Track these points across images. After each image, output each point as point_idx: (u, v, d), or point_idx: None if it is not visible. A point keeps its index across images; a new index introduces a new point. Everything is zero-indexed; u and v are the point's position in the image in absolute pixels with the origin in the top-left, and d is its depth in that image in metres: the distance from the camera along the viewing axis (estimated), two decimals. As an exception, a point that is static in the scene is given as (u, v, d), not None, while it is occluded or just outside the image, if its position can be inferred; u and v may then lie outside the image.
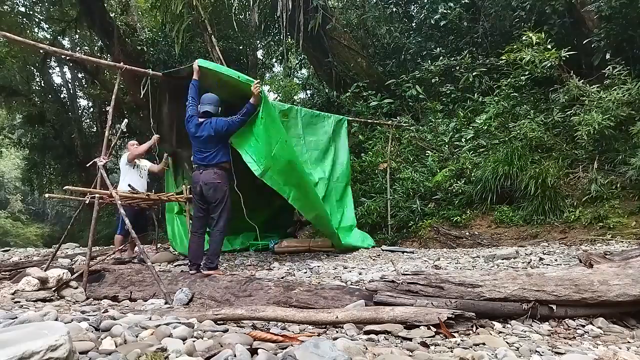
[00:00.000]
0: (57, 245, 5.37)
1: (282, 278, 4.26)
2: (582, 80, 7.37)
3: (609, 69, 7.21)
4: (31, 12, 15.84)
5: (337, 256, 6.01)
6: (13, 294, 3.75)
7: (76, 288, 3.98)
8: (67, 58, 5.71)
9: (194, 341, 1.94)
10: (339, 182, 6.97)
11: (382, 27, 11.33)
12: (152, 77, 5.38)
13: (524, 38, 7.58)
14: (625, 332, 2.45)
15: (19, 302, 3.48)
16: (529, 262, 4.48)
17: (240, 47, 14.31)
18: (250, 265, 5.55)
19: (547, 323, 2.53)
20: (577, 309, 2.57)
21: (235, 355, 1.70)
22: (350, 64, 11.22)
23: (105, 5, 13.75)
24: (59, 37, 16.31)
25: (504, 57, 7.78)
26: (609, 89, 6.92)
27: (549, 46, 7.42)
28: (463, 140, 8.36)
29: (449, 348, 2.04)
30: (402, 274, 2.83)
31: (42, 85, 18.99)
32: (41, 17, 16.38)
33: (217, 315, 2.63)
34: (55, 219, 28.43)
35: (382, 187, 8.40)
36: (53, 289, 3.81)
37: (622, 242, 5.42)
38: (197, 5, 9.82)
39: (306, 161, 6.40)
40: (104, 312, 2.83)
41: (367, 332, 2.32)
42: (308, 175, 5.87)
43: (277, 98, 17.33)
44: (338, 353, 1.69)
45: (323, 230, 6.41)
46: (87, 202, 4.70)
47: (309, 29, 10.47)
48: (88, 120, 20.42)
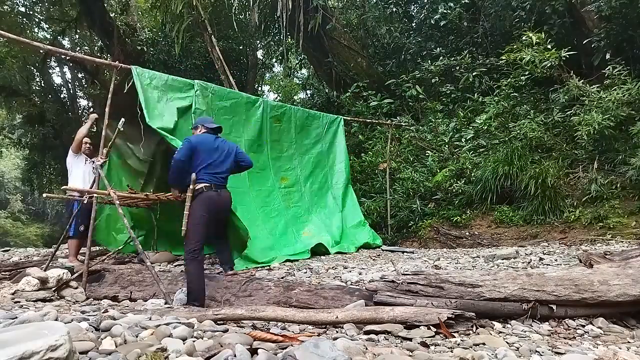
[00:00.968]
0: (57, 245, 5.35)
1: (282, 278, 4.26)
2: (582, 80, 7.37)
3: (609, 69, 7.21)
4: (31, 12, 15.81)
5: (338, 256, 6.01)
6: (13, 294, 3.74)
7: (76, 288, 3.98)
8: (67, 58, 5.69)
9: (194, 341, 1.94)
10: (338, 183, 6.97)
11: (382, 27, 11.34)
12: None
13: (524, 38, 7.58)
14: (625, 332, 2.45)
15: (19, 302, 3.47)
16: (529, 262, 4.48)
17: (240, 47, 14.31)
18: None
19: (547, 323, 2.53)
20: (577, 309, 2.57)
21: (235, 355, 1.70)
22: (350, 64, 11.22)
23: (105, 5, 13.75)
24: (59, 37, 16.29)
25: (504, 57, 7.78)
26: (609, 89, 6.92)
27: (549, 46, 7.42)
28: (463, 140, 8.37)
29: (449, 348, 2.04)
30: (402, 274, 2.83)
31: (42, 85, 18.97)
32: (41, 17, 16.36)
33: (217, 315, 2.63)
34: (55, 219, 28.36)
35: (382, 187, 8.40)
36: (53, 289, 3.80)
37: (622, 242, 5.41)
38: (197, 5, 9.81)
39: (295, 167, 6.44)
40: (104, 312, 2.82)
41: (367, 332, 2.31)
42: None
43: (277, 98, 17.36)
44: (338, 353, 1.68)
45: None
46: (86, 202, 4.70)
47: (309, 29, 10.47)
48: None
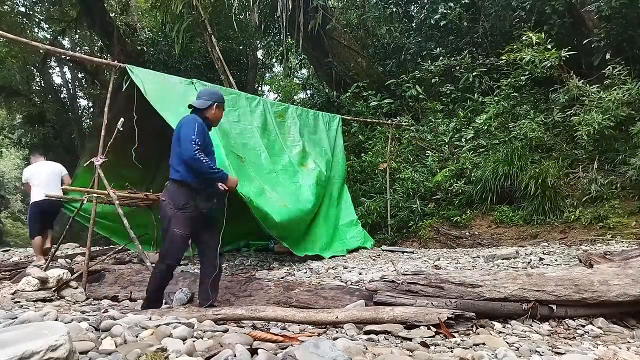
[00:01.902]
0: (57, 245, 5.36)
1: (282, 278, 4.26)
2: (582, 80, 7.37)
3: (609, 69, 7.20)
4: (31, 12, 15.79)
5: (338, 256, 6.01)
6: (13, 294, 3.75)
7: (76, 288, 3.98)
8: (67, 58, 5.69)
9: (194, 341, 1.94)
10: (336, 180, 6.99)
11: (382, 27, 11.33)
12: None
13: (524, 38, 7.57)
14: (625, 332, 2.45)
15: (19, 302, 3.48)
16: (529, 262, 4.48)
17: (240, 47, 14.31)
18: (250, 265, 5.56)
19: (547, 323, 2.53)
20: (577, 309, 2.57)
21: (235, 355, 1.70)
22: (350, 64, 11.21)
23: (105, 5, 13.74)
24: (59, 37, 16.29)
25: (504, 57, 7.77)
26: (609, 89, 6.92)
27: (549, 46, 7.41)
28: (463, 140, 8.36)
29: (449, 348, 2.04)
30: (402, 274, 2.84)
31: (42, 85, 18.96)
32: (41, 17, 16.35)
33: (217, 315, 2.63)
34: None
35: (382, 187, 8.39)
36: (53, 289, 3.81)
37: (622, 242, 5.41)
38: (197, 5, 9.80)
39: (300, 160, 6.39)
40: (104, 312, 2.82)
41: (367, 332, 2.32)
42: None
43: (277, 98, 17.36)
44: (338, 353, 1.68)
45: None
46: (85, 201, 4.70)
47: (309, 29, 10.46)
48: (88, 120, 20.35)
